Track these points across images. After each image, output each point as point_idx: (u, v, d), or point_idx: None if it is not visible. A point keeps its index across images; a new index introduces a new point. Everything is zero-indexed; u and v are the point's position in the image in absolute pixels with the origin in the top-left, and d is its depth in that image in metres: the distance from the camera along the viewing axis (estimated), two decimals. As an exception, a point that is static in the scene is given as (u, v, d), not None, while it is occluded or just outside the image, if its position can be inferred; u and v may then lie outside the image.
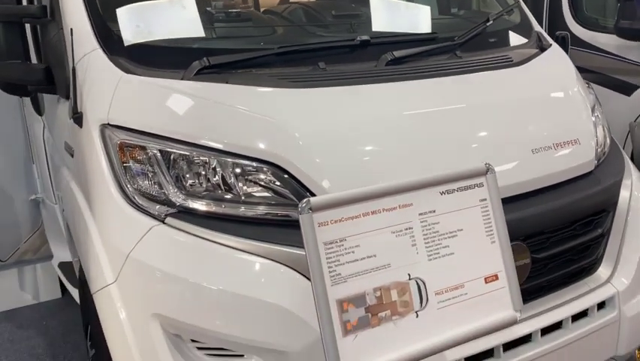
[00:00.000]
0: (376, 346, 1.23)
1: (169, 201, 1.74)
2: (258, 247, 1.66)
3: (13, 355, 3.31)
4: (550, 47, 2.59)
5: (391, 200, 1.28)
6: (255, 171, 1.76)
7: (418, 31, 2.58)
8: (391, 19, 2.54)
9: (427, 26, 2.65)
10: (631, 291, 2.16)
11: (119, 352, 1.78)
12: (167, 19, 2.14)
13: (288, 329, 1.60)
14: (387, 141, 1.84)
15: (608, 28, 4.85)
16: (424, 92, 2.03)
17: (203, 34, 2.14)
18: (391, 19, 2.54)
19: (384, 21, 2.56)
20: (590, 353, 2.10)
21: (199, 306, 1.63)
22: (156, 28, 2.09)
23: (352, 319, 1.21)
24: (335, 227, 1.22)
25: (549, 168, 2.03)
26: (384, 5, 2.63)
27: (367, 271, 1.24)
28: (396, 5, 2.65)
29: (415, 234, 1.30)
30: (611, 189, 2.18)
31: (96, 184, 1.87)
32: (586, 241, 2.09)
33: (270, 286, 1.62)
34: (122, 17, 2.07)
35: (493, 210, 1.39)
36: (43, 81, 2.24)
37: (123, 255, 1.72)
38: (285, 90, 1.88)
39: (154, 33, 2.07)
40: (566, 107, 2.26)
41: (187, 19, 2.14)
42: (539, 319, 1.96)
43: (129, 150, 1.80)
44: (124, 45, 2.00)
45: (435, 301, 1.30)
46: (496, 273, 1.39)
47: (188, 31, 2.13)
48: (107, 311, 1.79)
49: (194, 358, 1.71)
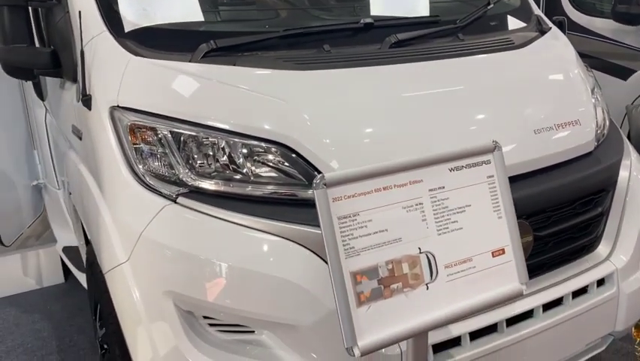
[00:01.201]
0: (389, 316, 1.27)
1: (180, 181, 1.77)
2: (267, 224, 1.69)
3: (19, 338, 3.35)
4: (550, 30, 2.63)
5: (402, 176, 1.31)
6: (264, 152, 1.80)
7: (421, 14, 2.61)
8: (394, 2, 2.56)
9: (430, 9, 2.68)
10: (629, 268, 2.21)
11: (131, 329, 1.82)
12: (173, 2, 2.16)
13: (298, 303, 1.64)
14: (393, 121, 1.88)
15: (604, 13, 4.88)
16: (428, 74, 2.06)
17: (209, 17, 2.16)
18: (394, 2, 2.56)
19: (388, 4, 2.59)
20: (589, 329, 2.16)
21: (211, 283, 1.66)
22: (163, 10, 2.11)
23: (366, 290, 1.25)
24: (348, 202, 1.26)
25: (550, 148, 2.06)
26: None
27: (379, 245, 1.28)
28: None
29: (425, 209, 1.34)
30: (611, 169, 2.23)
31: (106, 166, 1.90)
32: (586, 220, 2.13)
33: (279, 263, 1.66)
34: (129, 0, 2.09)
35: (500, 186, 1.43)
36: (49, 65, 2.26)
37: (135, 234, 1.75)
38: (292, 72, 1.90)
39: (161, 16, 2.09)
40: (567, 88, 2.30)
41: (193, 2, 2.16)
42: (541, 295, 2.01)
43: (140, 131, 1.82)
44: (131, 28, 2.02)
45: (444, 274, 1.35)
46: (502, 247, 1.43)
47: (194, 14, 2.15)
48: (119, 290, 1.83)
49: (206, 334, 1.76)
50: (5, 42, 2.28)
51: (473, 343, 1.85)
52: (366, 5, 2.51)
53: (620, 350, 2.98)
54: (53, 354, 3.19)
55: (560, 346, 2.07)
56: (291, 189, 1.77)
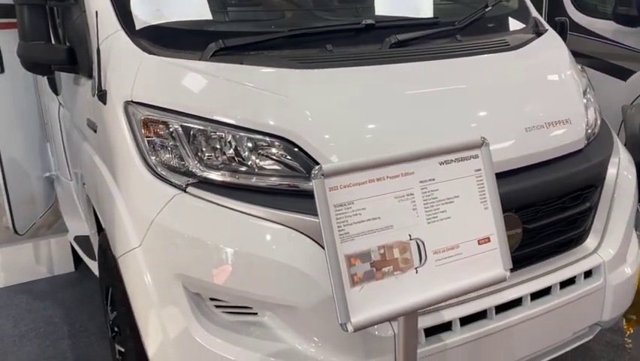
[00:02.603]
0: (380, 296, 1.39)
1: (190, 172, 1.89)
2: (270, 213, 1.80)
3: (31, 323, 3.48)
4: (546, 32, 2.72)
5: (395, 168, 1.43)
6: (268, 146, 1.91)
7: (420, 15, 2.71)
8: (394, 4, 2.67)
9: (429, 11, 2.78)
10: (616, 261, 2.32)
11: (142, 311, 1.94)
12: (183, 2, 2.28)
13: (298, 286, 1.76)
14: (391, 118, 1.99)
15: (606, 15, 4.95)
16: (426, 73, 2.17)
17: (218, 17, 2.28)
18: (394, 4, 2.67)
19: (388, 5, 2.69)
20: (577, 318, 2.26)
21: (218, 266, 1.78)
22: (174, 11, 2.22)
23: (359, 272, 1.37)
24: (344, 191, 1.37)
25: (541, 145, 2.17)
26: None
27: (372, 231, 1.39)
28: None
29: (416, 199, 1.45)
30: (599, 167, 2.33)
31: (121, 157, 2.02)
32: (574, 214, 2.23)
33: (281, 249, 1.78)
34: (142, 1, 2.20)
35: (487, 179, 1.54)
36: (65, 61, 2.38)
37: (148, 221, 1.87)
38: (295, 71, 2.01)
39: (172, 16, 2.21)
40: (559, 89, 2.40)
41: (203, 3, 2.27)
42: (529, 284, 2.12)
43: (152, 125, 1.94)
44: (145, 27, 2.13)
45: (433, 259, 1.46)
46: (488, 236, 1.54)
47: (203, 15, 2.26)
48: (131, 273, 1.95)
49: (212, 315, 1.88)
50: (24, 39, 2.40)
51: (463, 328, 1.97)
52: (368, 6, 2.62)
53: (611, 343, 3.07)
54: (64, 339, 3.31)
55: (548, 333, 2.17)
56: (293, 180, 1.88)
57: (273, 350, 1.82)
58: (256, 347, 1.83)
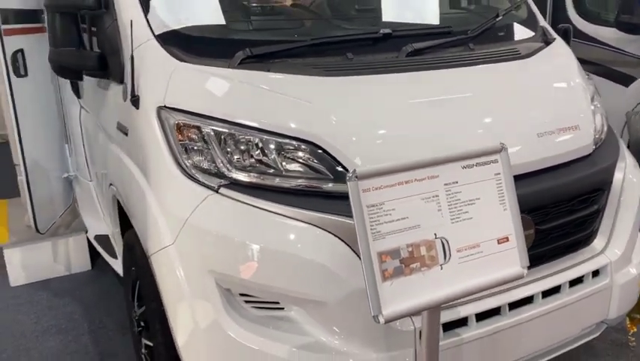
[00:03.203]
0: (408, 291, 1.49)
1: (221, 174, 1.99)
2: (298, 213, 1.91)
3: (52, 320, 3.58)
4: (554, 41, 2.83)
5: (422, 172, 1.53)
6: (294, 149, 2.01)
7: (434, 24, 2.82)
8: (409, 13, 2.78)
9: (443, 20, 2.89)
10: (622, 261, 2.43)
11: (174, 305, 2.05)
12: (211, 13, 2.39)
13: (325, 282, 1.86)
14: (411, 124, 2.10)
15: (608, 22, 5.07)
16: (443, 81, 2.28)
17: (244, 27, 2.39)
18: (409, 13, 2.78)
19: (403, 15, 2.80)
20: (584, 315, 2.37)
21: (250, 263, 1.89)
22: (202, 21, 2.34)
23: (389, 268, 1.47)
24: (376, 193, 1.48)
25: (552, 150, 2.28)
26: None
27: (401, 230, 1.50)
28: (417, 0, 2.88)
29: (441, 201, 1.56)
30: (606, 171, 2.44)
31: (153, 159, 2.13)
32: (583, 216, 2.34)
33: (309, 246, 1.88)
34: (172, 11, 2.31)
35: (506, 182, 1.65)
36: (96, 67, 2.49)
37: (181, 220, 1.98)
38: (320, 78, 2.12)
39: (201, 26, 2.32)
40: (568, 96, 2.51)
41: (230, 14, 2.38)
42: (540, 283, 2.22)
43: (185, 129, 2.05)
44: (175, 36, 2.24)
45: (456, 256, 1.57)
46: (507, 235, 1.65)
47: (230, 24, 2.37)
48: (164, 270, 2.05)
49: (242, 309, 1.98)
50: (55, 45, 2.52)
51: (479, 323, 2.07)
52: (384, 16, 2.73)
53: (615, 341, 3.18)
54: (85, 335, 3.41)
55: (557, 329, 2.28)
56: (318, 182, 1.99)
57: (299, 343, 1.92)
58: (283, 339, 1.93)
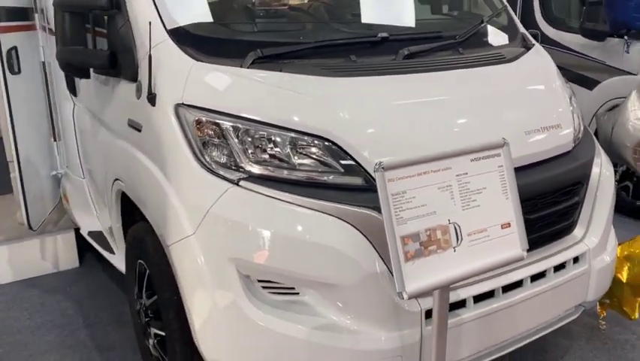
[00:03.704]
0: (427, 270, 1.66)
1: (240, 168, 2.12)
2: (312, 203, 2.04)
3: (46, 315, 3.61)
4: (534, 46, 3.06)
5: (437, 164, 1.70)
6: (307, 144, 2.15)
7: (425, 29, 3.01)
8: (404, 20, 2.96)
9: (432, 25, 3.09)
10: (599, 248, 2.66)
11: (194, 291, 2.16)
12: (222, 15, 2.51)
13: (340, 267, 2.01)
14: (414, 121, 2.27)
15: (573, 29, 5.38)
16: (441, 83, 2.46)
17: (254, 28, 2.51)
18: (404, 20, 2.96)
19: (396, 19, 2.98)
20: (567, 297, 2.59)
21: (269, 250, 2.02)
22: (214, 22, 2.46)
23: (411, 250, 1.64)
24: (399, 183, 1.64)
25: (538, 146, 2.48)
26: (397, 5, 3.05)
27: (420, 216, 1.67)
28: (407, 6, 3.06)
29: (453, 190, 1.73)
30: (585, 166, 2.67)
31: (172, 154, 2.23)
32: (565, 207, 2.56)
33: (325, 234, 2.02)
34: (186, 12, 2.43)
35: (508, 174, 1.84)
36: (107, 65, 2.57)
37: (203, 211, 2.09)
38: (330, 78, 2.27)
39: (213, 27, 2.44)
40: (550, 97, 2.73)
41: (239, 16, 2.51)
42: (529, 268, 2.42)
43: (204, 125, 2.16)
44: (190, 36, 2.36)
45: (467, 240, 1.74)
46: (509, 221, 1.84)
47: (240, 27, 2.50)
48: (184, 258, 2.16)
49: (260, 294, 2.11)
50: (64, 43, 2.60)
51: (476, 305, 2.26)
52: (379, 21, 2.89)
53: (588, 325, 3.43)
54: (81, 329, 3.46)
55: (544, 310, 2.49)
56: (330, 175, 2.14)
57: (313, 324, 2.06)
58: (298, 321, 2.06)
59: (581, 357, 3.15)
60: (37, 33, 3.87)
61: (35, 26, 3.86)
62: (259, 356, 2.09)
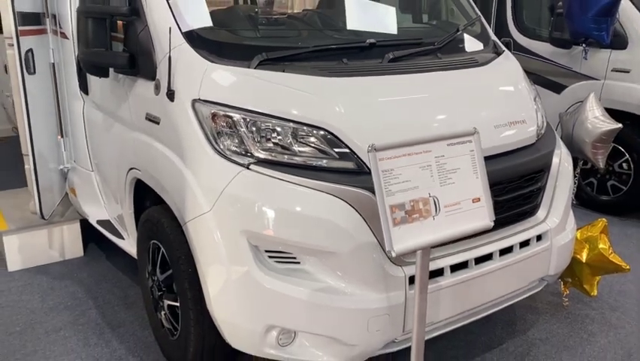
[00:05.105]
0: (411, 234, 2.02)
1: (250, 154, 2.46)
2: (312, 183, 2.39)
3: (57, 298, 3.88)
4: (503, 52, 3.46)
5: (420, 147, 2.06)
6: (307, 134, 2.50)
7: (408, 36, 3.39)
8: (388, 27, 3.33)
9: (412, 32, 3.46)
10: (559, 228, 3.04)
11: (209, 261, 2.48)
12: (230, 22, 2.85)
13: (337, 237, 2.35)
14: (400, 114, 2.64)
15: (543, 37, 5.82)
16: (423, 83, 2.84)
17: (259, 34, 2.86)
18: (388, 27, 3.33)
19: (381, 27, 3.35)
20: (531, 271, 2.96)
21: (276, 223, 2.36)
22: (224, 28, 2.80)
23: (398, 217, 1.99)
24: (388, 162, 1.99)
25: (506, 139, 2.87)
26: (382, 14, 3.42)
27: (405, 190, 2.02)
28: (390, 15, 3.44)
29: (432, 169, 2.09)
30: (547, 156, 3.05)
31: (189, 143, 2.56)
32: (529, 192, 2.94)
33: (323, 208, 2.36)
34: (199, 20, 2.77)
35: (477, 157, 2.21)
36: (126, 65, 2.90)
37: (218, 191, 2.42)
38: (327, 78, 2.63)
39: (223, 33, 2.78)
40: (517, 97, 3.12)
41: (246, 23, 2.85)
42: (497, 243, 2.78)
43: (219, 117, 2.50)
44: (204, 41, 2.70)
45: (444, 211, 2.10)
46: (478, 196, 2.20)
47: (247, 33, 2.84)
48: (201, 233, 2.49)
49: (267, 263, 2.44)
50: (87, 46, 2.91)
51: (452, 274, 2.62)
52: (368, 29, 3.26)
53: (552, 302, 3.82)
54: (92, 309, 3.75)
55: (511, 281, 2.87)
56: (327, 159, 2.48)
57: (313, 286, 2.40)
58: (300, 284, 2.40)
59: (546, 330, 3.53)
60: (47, 36, 4.16)
61: (46, 30, 4.14)
62: (265, 314, 2.42)
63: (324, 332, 2.42)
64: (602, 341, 3.42)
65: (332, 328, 2.41)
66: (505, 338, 3.43)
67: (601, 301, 3.84)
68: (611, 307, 3.78)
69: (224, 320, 2.52)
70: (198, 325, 2.70)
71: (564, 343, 3.40)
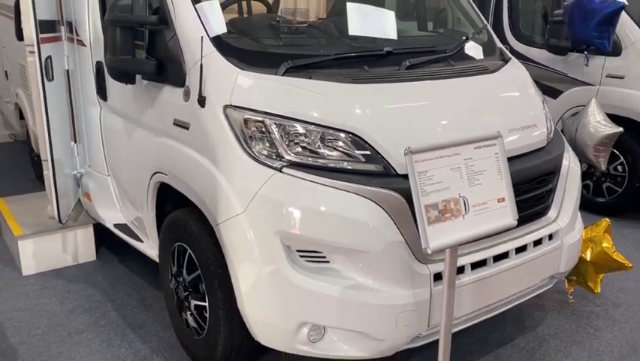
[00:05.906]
0: (444, 232, 2.14)
1: (281, 157, 2.56)
2: (343, 185, 2.50)
3: (75, 301, 3.94)
4: (511, 60, 3.60)
5: (449, 150, 2.19)
6: (335, 138, 2.61)
7: (421, 44, 3.52)
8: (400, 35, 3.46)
9: (426, 41, 3.60)
10: (569, 227, 3.19)
11: (242, 261, 2.58)
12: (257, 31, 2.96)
13: (367, 236, 2.46)
14: (423, 119, 2.77)
15: (538, 44, 6.00)
16: (440, 88, 2.96)
17: (282, 43, 2.97)
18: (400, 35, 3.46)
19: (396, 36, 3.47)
20: (543, 268, 3.10)
21: (309, 222, 2.47)
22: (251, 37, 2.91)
23: (432, 216, 2.11)
24: (422, 164, 2.11)
25: (519, 142, 3.01)
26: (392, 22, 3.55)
27: (438, 190, 2.14)
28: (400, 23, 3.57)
29: (462, 171, 2.21)
30: (557, 159, 3.20)
31: (222, 147, 2.66)
32: (542, 192, 3.08)
33: (353, 209, 2.47)
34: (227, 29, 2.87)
35: (502, 159, 2.34)
36: (154, 72, 2.99)
37: (252, 193, 2.52)
38: (352, 85, 2.74)
39: (250, 42, 2.89)
40: (527, 102, 3.27)
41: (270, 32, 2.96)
42: (513, 242, 2.92)
43: (251, 122, 2.61)
44: (232, 49, 2.80)
45: (472, 210, 2.23)
46: (503, 196, 2.33)
47: (272, 41, 2.95)
48: (234, 234, 2.59)
49: (298, 262, 2.54)
50: (114, 54, 3.00)
51: (472, 271, 2.74)
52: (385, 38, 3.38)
53: (557, 300, 3.97)
54: (111, 312, 3.81)
55: (525, 278, 3.00)
56: (356, 162, 2.59)
57: (342, 284, 2.50)
58: (329, 282, 2.51)
59: (554, 326, 3.67)
60: (62, 44, 4.23)
61: (61, 37, 4.21)
62: (297, 312, 2.53)
63: (355, 327, 2.53)
64: (608, 335, 3.57)
65: (362, 323, 2.52)
66: (516, 334, 3.57)
67: (604, 298, 3.99)
68: (614, 304, 3.94)
69: (256, 319, 2.62)
70: (227, 323, 2.80)
71: (572, 338, 3.54)
